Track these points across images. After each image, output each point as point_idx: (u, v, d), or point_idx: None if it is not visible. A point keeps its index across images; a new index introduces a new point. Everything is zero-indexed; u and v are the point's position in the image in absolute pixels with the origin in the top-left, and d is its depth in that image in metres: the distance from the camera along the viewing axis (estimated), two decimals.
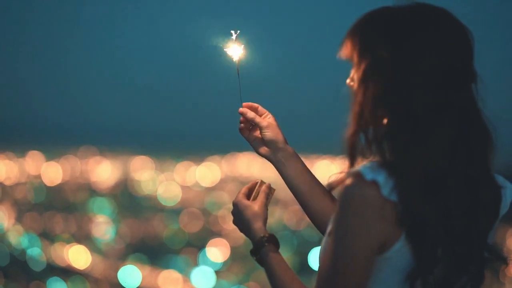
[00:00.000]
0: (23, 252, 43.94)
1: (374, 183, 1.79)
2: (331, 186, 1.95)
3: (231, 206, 2.45)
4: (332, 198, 2.44)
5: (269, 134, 2.52)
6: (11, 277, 40.33)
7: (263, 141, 2.53)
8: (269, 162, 2.60)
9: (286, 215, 43.38)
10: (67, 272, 41.96)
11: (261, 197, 2.39)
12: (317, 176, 2.54)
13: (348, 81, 1.98)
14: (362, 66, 1.90)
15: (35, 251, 43.91)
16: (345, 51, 1.96)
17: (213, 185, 52.51)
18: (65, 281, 40.75)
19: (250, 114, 2.54)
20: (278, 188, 2.52)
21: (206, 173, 53.99)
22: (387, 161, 1.84)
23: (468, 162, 1.88)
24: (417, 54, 1.85)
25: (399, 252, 1.84)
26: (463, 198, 1.87)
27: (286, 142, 2.53)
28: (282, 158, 2.52)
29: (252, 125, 2.57)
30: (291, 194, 2.59)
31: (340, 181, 1.89)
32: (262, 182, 2.46)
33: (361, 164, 1.86)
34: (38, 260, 43.04)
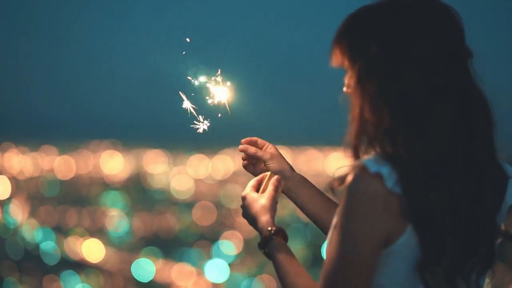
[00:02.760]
0: (36, 246, 44.16)
1: (378, 175, 1.79)
2: (333, 184, 1.92)
3: None
4: None
5: (274, 165, 2.52)
6: (25, 271, 40.55)
7: None
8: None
9: None
10: (80, 266, 42.16)
11: (270, 189, 2.36)
12: (331, 169, 2.53)
13: (344, 89, 1.98)
14: (355, 70, 1.91)
15: (48, 245, 44.13)
16: (335, 59, 1.97)
17: (226, 178, 52.57)
18: (79, 274, 40.94)
19: (251, 149, 2.55)
20: None
21: (219, 166, 54.06)
22: (390, 153, 1.83)
23: (469, 146, 1.88)
24: (407, 47, 1.85)
25: (405, 245, 1.85)
26: (468, 183, 1.87)
27: (292, 169, 2.53)
28: (292, 186, 2.52)
29: (255, 159, 2.56)
30: None
31: (344, 177, 1.87)
32: (272, 174, 2.43)
33: (365, 157, 1.86)
34: (51, 254, 43.25)
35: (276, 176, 2.42)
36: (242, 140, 2.60)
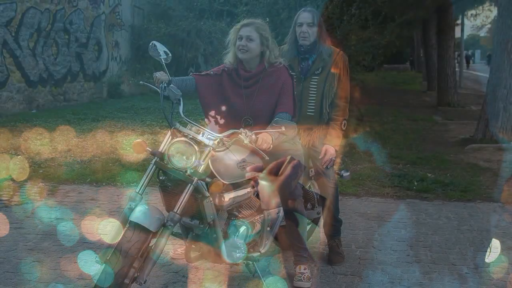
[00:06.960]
0: (54, 226, 44.46)
1: None
2: None
3: None
4: None
5: None
6: (43, 251, 40.83)
7: None
8: (298, 136, 2.35)
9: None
10: (98, 246, 42.43)
11: (286, 172, 2.15)
12: None
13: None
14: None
15: (66, 225, 44.40)
16: None
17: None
18: (97, 254, 41.18)
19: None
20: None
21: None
22: None
23: None
24: None
25: None
26: None
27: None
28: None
29: None
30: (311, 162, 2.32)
31: None
32: (292, 158, 2.20)
33: None
34: (69, 234, 43.54)
35: (295, 160, 2.20)
36: (247, 169, 2.41)
